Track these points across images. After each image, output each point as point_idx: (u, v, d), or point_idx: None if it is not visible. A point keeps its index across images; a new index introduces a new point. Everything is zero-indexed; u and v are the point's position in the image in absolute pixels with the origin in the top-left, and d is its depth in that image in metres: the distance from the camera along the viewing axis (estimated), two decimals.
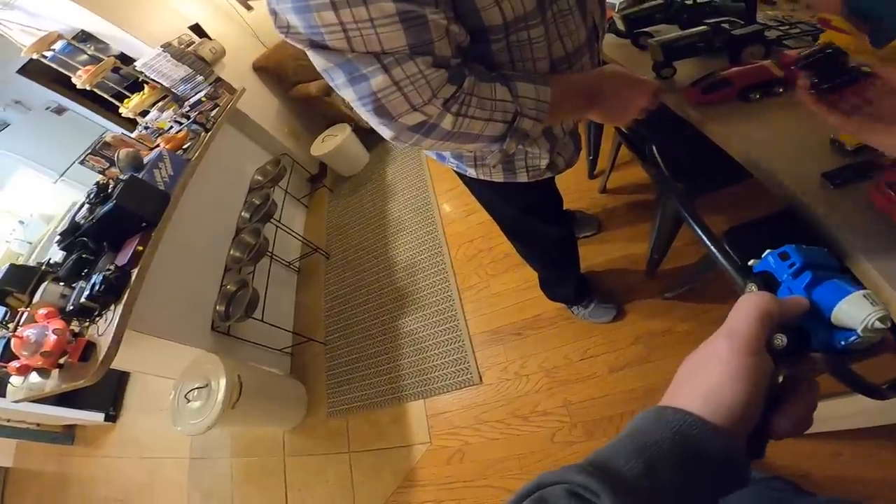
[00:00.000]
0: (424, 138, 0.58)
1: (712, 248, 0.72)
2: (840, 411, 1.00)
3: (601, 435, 1.40)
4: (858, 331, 0.29)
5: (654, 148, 0.92)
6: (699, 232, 0.74)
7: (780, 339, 0.30)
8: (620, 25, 1.30)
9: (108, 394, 2.58)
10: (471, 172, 0.92)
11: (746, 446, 0.29)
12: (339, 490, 1.73)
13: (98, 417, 2.51)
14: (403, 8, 0.46)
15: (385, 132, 0.58)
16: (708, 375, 0.30)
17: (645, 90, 0.70)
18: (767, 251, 0.36)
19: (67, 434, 2.68)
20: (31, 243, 2.91)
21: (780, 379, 0.30)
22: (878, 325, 0.28)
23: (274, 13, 0.49)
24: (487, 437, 1.55)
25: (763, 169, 0.83)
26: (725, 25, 1.04)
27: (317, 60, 0.52)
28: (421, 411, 1.72)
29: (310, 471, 1.84)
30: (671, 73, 1.10)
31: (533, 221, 1.15)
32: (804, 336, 0.31)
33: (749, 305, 0.31)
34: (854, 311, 0.29)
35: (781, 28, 1.11)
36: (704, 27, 1.06)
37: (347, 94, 0.54)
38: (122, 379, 2.66)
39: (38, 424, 2.62)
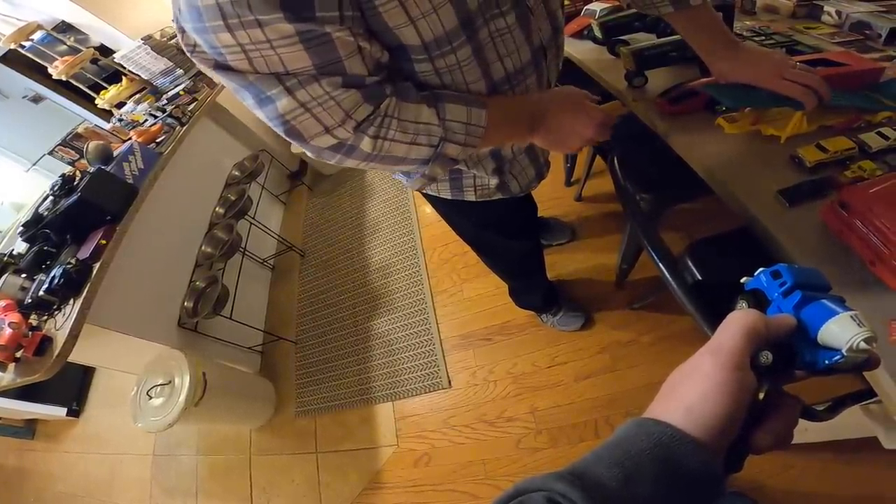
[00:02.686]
0: (346, 158, 0.56)
1: (668, 277, 0.71)
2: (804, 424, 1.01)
3: (565, 442, 1.41)
4: (843, 351, 0.29)
5: (614, 160, 0.91)
6: (654, 257, 0.73)
7: (766, 357, 0.30)
8: (598, 33, 1.30)
9: (73, 388, 2.50)
10: (417, 187, 0.88)
11: (725, 460, 0.29)
12: (305, 490, 1.70)
13: (60, 412, 2.44)
14: (302, 28, 0.43)
15: (306, 151, 0.56)
16: (691, 389, 0.30)
17: (592, 119, 0.65)
18: (760, 269, 0.37)
19: (28, 428, 2.60)
20: (1, 231, 2.84)
21: (763, 395, 0.31)
22: (863, 345, 0.28)
23: (182, 31, 0.46)
24: (454, 442, 1.55)
25: (721, 183, 0.83)
26: None
27: (224, 82, 0.49)
28: (389, 413, 1.71)
29: (276, 470, 1.81)
30: (642, 82, 1.10)
31: (492, 236, 1.11)
32: (789, 354, 0.32)
33: (737, 322, 0.31)
34: (840, 332, 0.30)
35: (756, 38, 1.12)
36: (677, 36, 1.06)
37: (259, 115, 0.51)
38: (87, 374, 2.59)
39: (0, 418, 2.54)
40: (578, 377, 1.48)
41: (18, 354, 1.38)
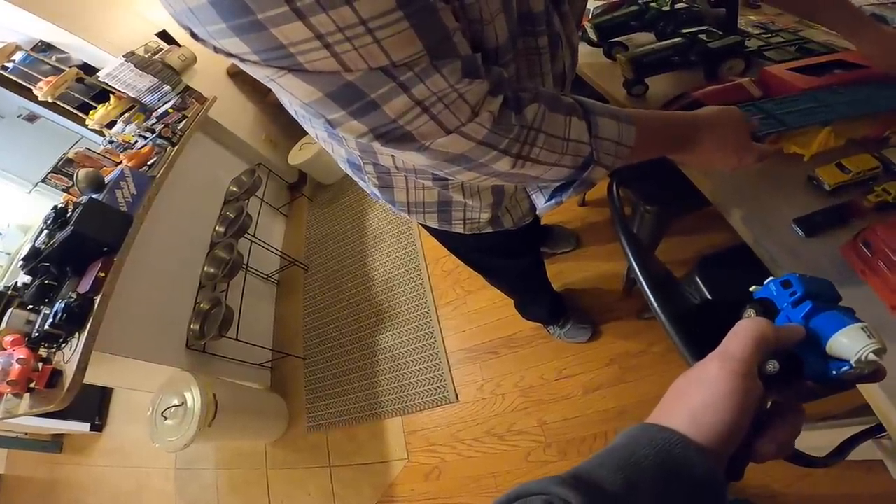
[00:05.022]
0: (469, 172, 0.47)
1: (661, 316, 0.66)
2: (811, 443, 0.98)
3: (575, 455, 1.39)
4: (852, 362, 0.29)
5: (613, 185, 0.85)
6: (647, 293, 0.68)
7: (773, 365, 0.30)
8: (592, 35, 1.21)
9: (93, 404, 2.56)
10: (403, 216, 0.83)
11: (727, 467, 0.29)
12: (321, 503, 1.73)
13: (84, 427, 2.51)
14: None
15: (417, 160, 0.44)
16: (697, 395, 0.30)
17: (745, 159, 0.60)
18: (770, 278, 0.37)
19: (55, 443, 2.69)
20: (9, 254, 2.88)
21: (769, 404, 0.31)
22: (871, 357, 0.28)
23: (207, 43, 0.34)
24: (464, 455, 1.55)
25: (732, 210, 0.77)
26: (702, 36, 0.95)
27: (295, 91, 0.36)
28: (398, 428, 1.71)
29: (292, 483, 1.85)
30: (643, 90, 1.02)
31: (487, 258, 1.07)
32: (797, 363, 0.31)
33: (745, 330, 0.31)
34: (850, 343, 0.29)
35: (763, 36, 1.03)
36: (679, 39, 0.98)
37: (352, 128, 0.39)
38: (106, 389, 2.65)
39: (27, 434, 2.63)
40: (587, 390, 1.45)
41: (32, 385, 1.41)
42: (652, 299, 0.69)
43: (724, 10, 1.00)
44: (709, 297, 0.96)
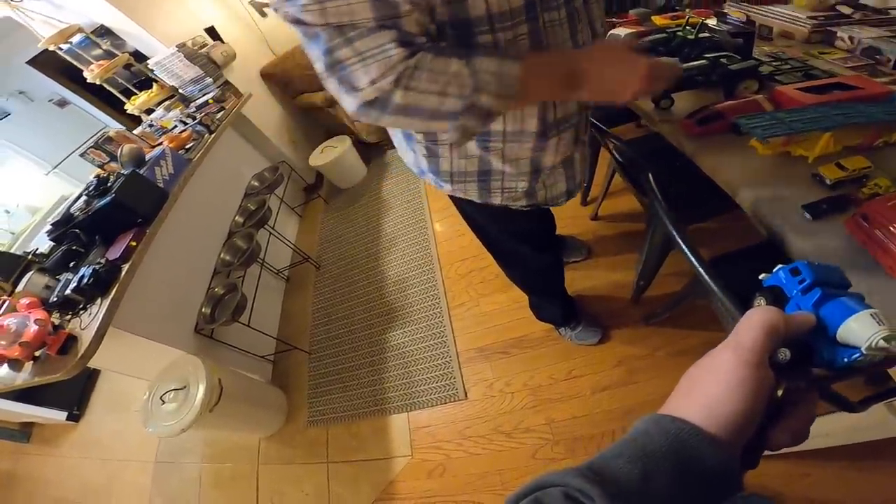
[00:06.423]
0: (382, 115, 0.58)
1: (703, 273, 0.75)
2: (818, 430, 1.04)
3: (582, 452, 1.41)
4: (862, 349, 0.29)
5: (650, 176, 0.97)
6: (691, 256, 0.78)
7: (784, 354, 0.30)
8: None
9: (74, 392, 2.47)
10: (446, 188, 0.89)
11: (741, 456, 0.30)
12: (315, 500, 1.68)
13: (60, 416, 2.40)
14: None
15: (347, 104, 0.59)
16: (710, 385, 0.30)
17: (635, 71, 0.64)
18: (779, 266, 0.37)
19: (23, 432, 2.54)
20: (13, 233, 2.84)
21: (781, 392, 0.31)
22: (882, 343, 0.29)
23: (279, 11, 0.54)
24: (470, 452, 1.55)
25: (747, 199, 0.89)
26: (723, 60, 1.11)
27: (298, 34, 0.56)
28: (404, 424, 1.71)
29: (285, 479, 1.78)
30: (669, 104, 1.17)
31: (517, 245, 1.14)
32: (808, 351, 0.32)
33: (756, 319, 0.31)
34: (860, 330, 0.30)
35: (774, 63, 1.19)
36: (703, 61, 1.12)
37: (318, 66, 0.56)
38: (91, 378, 2.56)
39: None
40: (595, 389, 1.50)
41: (38, 353, 1.38)
42: (696, 264, 0.79)
43: (741, 39, 1.17)
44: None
